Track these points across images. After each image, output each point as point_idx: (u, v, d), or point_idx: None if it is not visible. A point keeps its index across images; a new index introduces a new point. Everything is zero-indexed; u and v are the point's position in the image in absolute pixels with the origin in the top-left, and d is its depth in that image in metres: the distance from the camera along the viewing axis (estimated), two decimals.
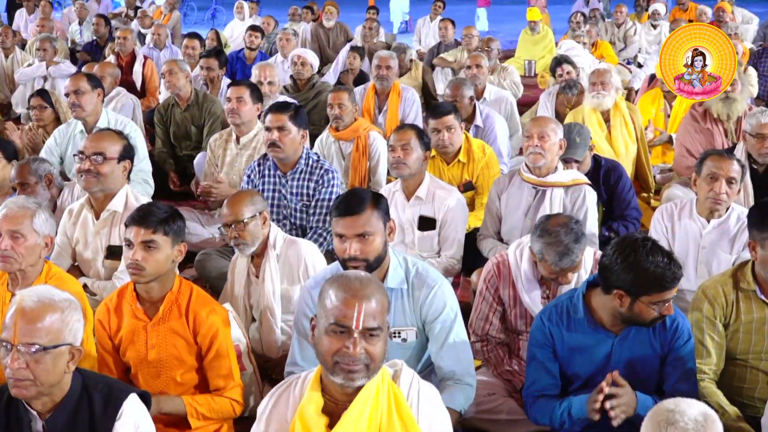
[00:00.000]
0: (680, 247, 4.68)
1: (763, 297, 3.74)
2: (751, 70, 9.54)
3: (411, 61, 10.08)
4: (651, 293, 3.27)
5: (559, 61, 8.84)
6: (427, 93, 9.75)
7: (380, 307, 2.76)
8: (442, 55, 11.59)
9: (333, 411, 2.77)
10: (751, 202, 5.60)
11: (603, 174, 5.70)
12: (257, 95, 6.18)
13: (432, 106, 5.97)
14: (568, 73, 8.54)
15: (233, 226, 4.33)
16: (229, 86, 6.28)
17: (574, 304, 3.51)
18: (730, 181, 4.54)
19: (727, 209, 4.68)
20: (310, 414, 2.73)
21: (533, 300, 4.10)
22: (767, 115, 5.57)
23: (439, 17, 14.72)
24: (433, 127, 5.81)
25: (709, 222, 4.65)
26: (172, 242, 3.68)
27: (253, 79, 7.33)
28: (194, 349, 3.73)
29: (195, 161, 6.87)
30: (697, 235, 4.66)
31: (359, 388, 2.72)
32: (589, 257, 4.12)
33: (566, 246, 3.88)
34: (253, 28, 10.87)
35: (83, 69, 8.67)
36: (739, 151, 5.73)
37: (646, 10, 16.03)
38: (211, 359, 3.70)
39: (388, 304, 2.85)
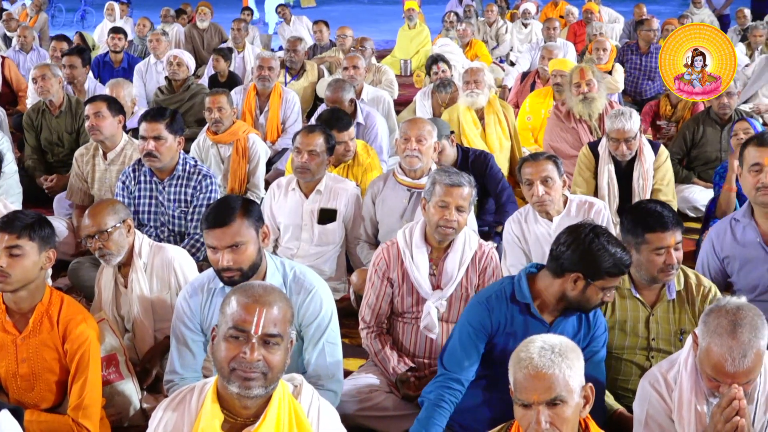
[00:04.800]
0: (535, 251, 4.82)
1: (637, 295, 3.88)
2: (618, 67, 9.87)
3: (305, 53, 9.86)
4: (606, 278, 3.43)
5: (435, 59, 8.90)
6: (316, 96, 9.70)
7: (282, 315, 2.74)
8: (317, 56, 11.59)
9: (232, 426, 2.73)
10: (616, 194, 5.81)
11: (471, 163, 5.80)
12: (117, 107, 5.95)
13: (333, 117, 5.89)
14: (443, 71, 8.59)
15: (96, 237, 4.19)
16: (85, 103, 6.05)
17: (520, 290, 3.58)
18: (545, 181, 4.71)
19: (566, 203, 4.86)
20: (215, 429, 2.68)
21: (421, 273, 4.14)
22: (619, 120, 5.68)
23: (294, 19, 14.80)
24: (338, 140, 5.71)
25: (552, 221, 4.80)
26: (39, 248, 3.60)
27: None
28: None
29: None
30: (546, 235, 4.78)
31: (256, 398, 2.68)
32: (474, 240, 4.24)
33: (454, 169, 4.21)
34: (115, 30, 10.57)
35: None
36: (603, 146, 5.92)
37: (509, 8, 16.43)
38: (75, 370, 3.61)
39: (292, 316, 2.83)
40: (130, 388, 4.06)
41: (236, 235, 3.49)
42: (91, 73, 8.87)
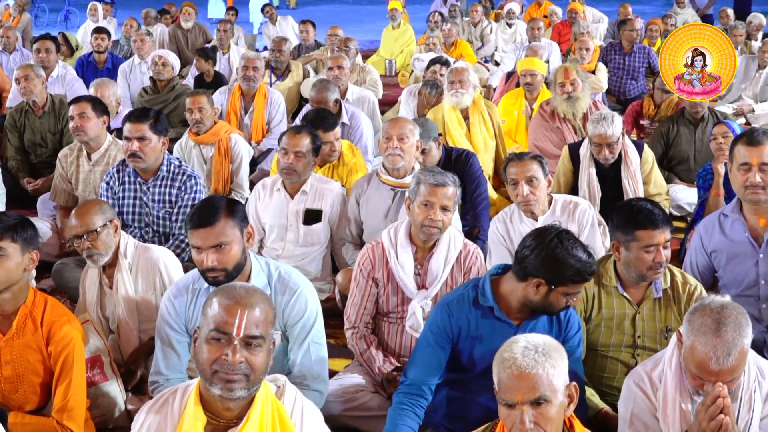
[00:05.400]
0: None
1: (624, 293, 3.89)
2: (601, 66, 9.92)
3: (291, 53, 9.90)
4: (569, 285, 3.40)
5: (441, 61, 8.65)
6: (301, 96, 9.69)
7: (264, 316, 2.74)
8: (306, 54, 11.55)
9: (215, 428, 2.73)
10: (597, 194, 5.82)
11: (454, 161, 5.81)
12: (101, 108, 5.91)
13: (319, 117, 5.89)
14: (441, 75, 8.30)
15: (85, 237, 4.19)
16: (69, 104, 6.01)
17: (483, 293, 3.56)
18: (530, 181, 4.72)
19: (550, 203, 4.88)
20: (197, 431, 2.68)
21: (406, 272, 4.15)
22: (601, 126, 5.69)
23: (279, 20, 14.81)
24: (324, 140, 5.69)
25: (537, 221, 4.80)
26: (21, 250, 3.57)
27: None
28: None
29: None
30: None
31: (239, 400, 2.68)
32: (459, 239, 4.25)
33: (439, 169, 4.25)
34: (99, 30, 10.53)
35: None
36: (585, 148, 5.93)
37: (493, 8, 16.47)
38: (59, 372, 3.59)
39: (274, 317, 2.83)
40: (115, 390, 4.05)
41: (221, 235, 3.49)
42: (62, 62, 8.91)
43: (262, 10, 15.43)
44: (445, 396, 3.73)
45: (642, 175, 5.91)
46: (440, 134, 5.94)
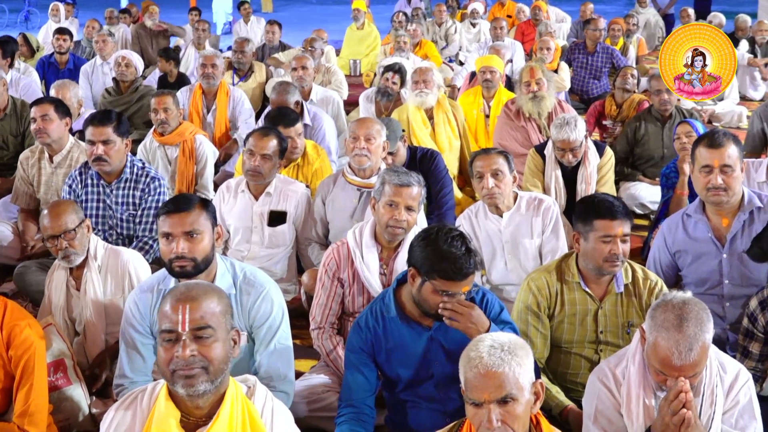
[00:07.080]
0: (486, 247, 4.86)
1: (586, 288, 3.92)
2: (564, 65, 9.99)
3: (254, 54, 9.89)
4: (437, 278, 3.32)
5: (394, 69, 8.28)
6: (265, 96, 9.63)
7: (211, 307, 2.74)
8: (274, 55, 11.47)
9: (185, 426, 2.72)
10: (562, 197, 5.86)
11: (419, 161, 5.82)
12: (63, 110, 5.85)
13: (279, 114, 5.87)
14: (393, 83, 8.14)
15: (62, 237, 4.19)
16: (31, 106, 5.95)
17: (386, 303, 3.55)
18: (495, 174, 4.73)
19: (516, 199, 4.89)
20: (171, 427, 2.68)
21: (371, 272, 4.15)
22: (564, 131, 5.72)
23: (253, 18, 14.70)
24: (285, 135, 5.61)
25: (502, 217, 4.84)
26: None
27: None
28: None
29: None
30: (497, 231, 4.84)
31: (206, 396, 2.69)
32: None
33: (404, 169, 4.26)
34: (61, 31, 10.41)
35: None
36: (549, 150, 5.96)
37: (459, 8, 16.52)
38: (20, 376, 3.55)
39: (227, 306, 2.83)
40: (79, 394, 4.02)
41: (194, 223, 3.51)
42: (24, 63, 8.78)
43: (239, 7, 15.24)
44: (392, 410, 3.76)
45: (599, 175, 5.95)
46: (403, 130, 5.93)
